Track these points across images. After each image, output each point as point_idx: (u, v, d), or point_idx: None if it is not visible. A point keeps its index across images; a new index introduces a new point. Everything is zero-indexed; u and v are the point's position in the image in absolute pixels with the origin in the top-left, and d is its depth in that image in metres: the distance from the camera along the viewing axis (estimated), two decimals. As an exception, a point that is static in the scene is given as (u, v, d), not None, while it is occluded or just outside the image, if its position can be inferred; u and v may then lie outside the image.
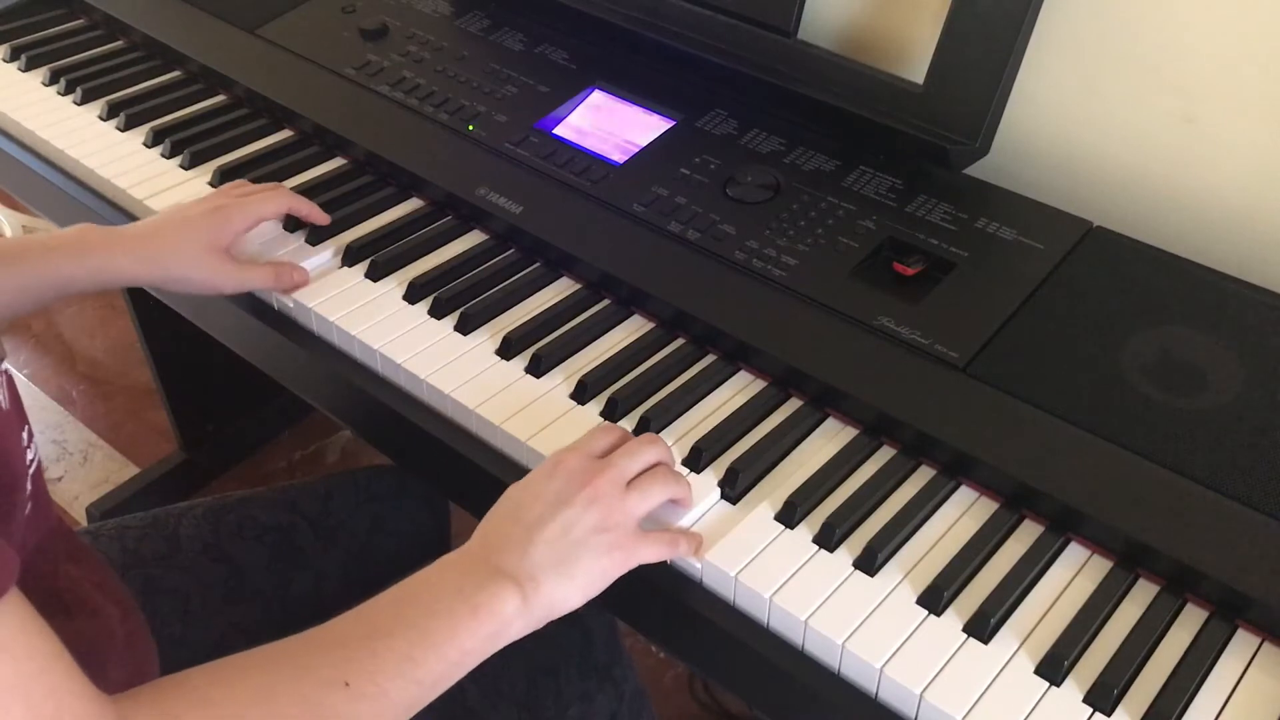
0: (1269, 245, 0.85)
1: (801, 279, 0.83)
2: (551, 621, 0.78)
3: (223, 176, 1.00)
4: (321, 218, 0.92)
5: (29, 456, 0.59)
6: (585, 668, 0.86)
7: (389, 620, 0.60)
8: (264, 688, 0.56)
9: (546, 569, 0.63)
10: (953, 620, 0.65)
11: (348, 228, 0.95)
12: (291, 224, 0.95)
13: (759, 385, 0.80)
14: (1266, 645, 0.64)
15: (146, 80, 1.14)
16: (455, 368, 0.82)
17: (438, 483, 0.97)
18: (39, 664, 0.48)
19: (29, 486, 0.59)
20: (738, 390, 0.80)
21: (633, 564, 0.66)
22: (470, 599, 0.61)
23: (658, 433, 0.76)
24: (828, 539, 0.69)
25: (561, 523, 0.64)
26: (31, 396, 1.86)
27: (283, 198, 0.89)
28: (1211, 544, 0.65)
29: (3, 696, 0.46)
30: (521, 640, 0.84)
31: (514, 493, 0.68)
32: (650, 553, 0.67)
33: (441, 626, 0.60)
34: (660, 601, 0.71)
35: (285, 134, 1.07)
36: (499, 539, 0.65)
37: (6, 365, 0.59)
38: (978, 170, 0.91)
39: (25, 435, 0.59)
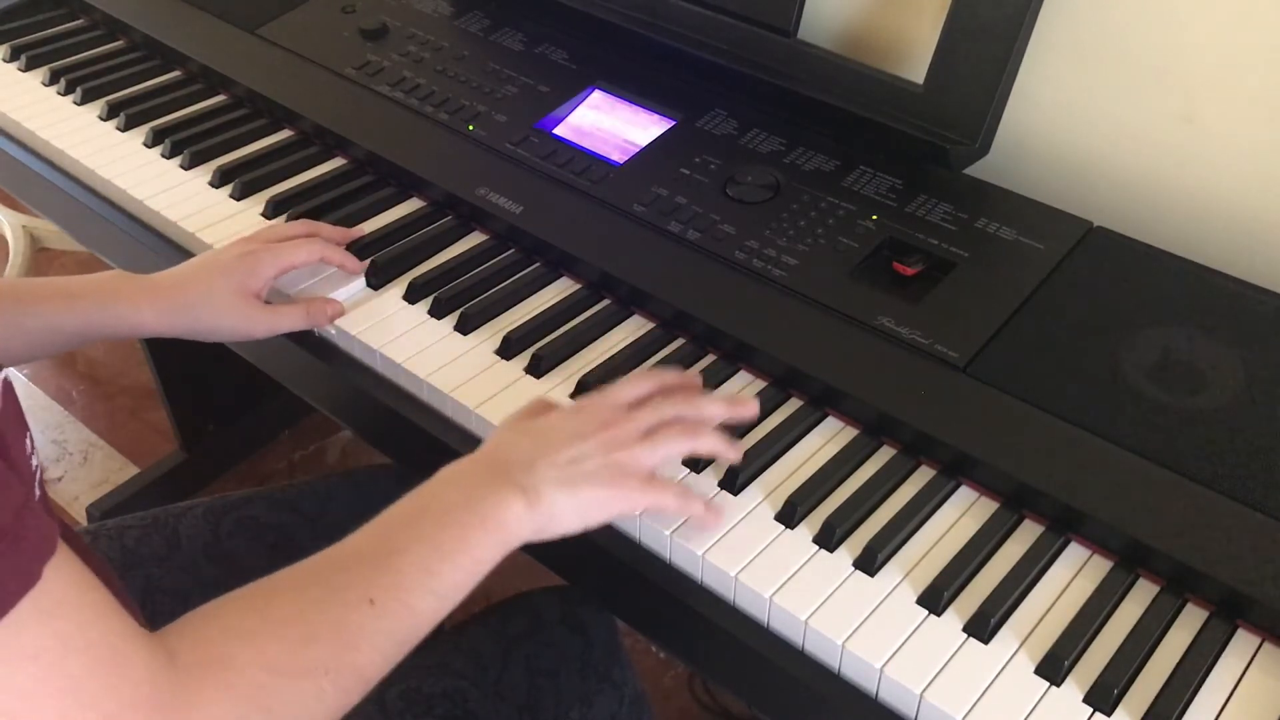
0: (1269, 245, 0.85)
1: (801, 279, 0.83)
2: (552, 625, 0.77)
3: (223, 177, 1.00)
4: (356, 266, 0.89)
5: (34, 463, 0.59)
6: (585, 670, 0.86)
7: (403, 535, 0.62)
8: (294, 613, 0.57)
9: (550, 484, 0.65)
10: (953, 620, 0.65)
11: (348, 228, 0.94)
12: None
13: (759, 385, 0.80)
14: (1266, 645, 0.64)
15: (146, 80, 1.14)
16: (455, 368, 0.82)
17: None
18: (94, 612, 0.50)
19: (37, 491, 0.59)
20: (738, 390, 0.80)
21: (635, 503, 0.68)
22: (478, 509, 0.63)
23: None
24: (828, 539, 0.69)
25: (573, 452, 0.67)
26: (31, 396, 1.86)
27: (315, 248, 0.87)
28: (1212, 544, 0.65)
29: (64, 646, 0.48)
30: (522, 642, 0.84)
31: (535, 420, 0.70)
32: (653, 498, 0.68)
33: (453, 537, 0.62)
34: (660, 601, 0.71)
35: (285, 134, 1.07)
36: (510, 450, 0.67)
37: (7, 372, 0.59)
38: (978, 170, 0.91)
39: (29, 443, 0.59)
